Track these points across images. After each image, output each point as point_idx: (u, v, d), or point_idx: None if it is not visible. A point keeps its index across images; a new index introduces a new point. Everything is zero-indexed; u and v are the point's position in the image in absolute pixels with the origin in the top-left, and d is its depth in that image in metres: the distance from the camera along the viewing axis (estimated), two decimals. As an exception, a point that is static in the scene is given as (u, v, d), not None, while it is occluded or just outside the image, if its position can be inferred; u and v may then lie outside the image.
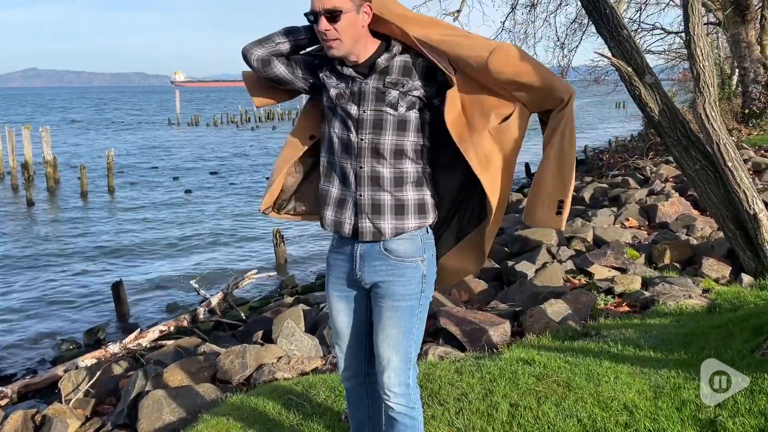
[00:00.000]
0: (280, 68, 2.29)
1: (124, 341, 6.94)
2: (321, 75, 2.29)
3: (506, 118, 2.22)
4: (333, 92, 2.24)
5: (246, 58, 2.29)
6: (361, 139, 2.20)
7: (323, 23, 2.11)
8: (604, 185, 12.02)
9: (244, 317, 8.24)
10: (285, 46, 2.28)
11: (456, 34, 2.25)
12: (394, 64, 2.22)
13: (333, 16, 2.11)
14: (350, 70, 2.23)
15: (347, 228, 2.27)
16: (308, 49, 2.36)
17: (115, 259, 13.56)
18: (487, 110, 2.22)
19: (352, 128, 2.21)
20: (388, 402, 2.28)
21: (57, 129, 47.98)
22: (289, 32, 2.29)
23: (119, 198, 21.17)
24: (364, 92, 2.21)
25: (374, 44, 2.23)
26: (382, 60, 2.21)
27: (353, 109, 2.21)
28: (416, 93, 2.21)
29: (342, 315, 2.40)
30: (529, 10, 15.38)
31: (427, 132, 2.28)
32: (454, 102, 2.19)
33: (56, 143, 31.60)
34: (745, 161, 8.55)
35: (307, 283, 10.64)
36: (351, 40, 2.16)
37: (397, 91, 2.20)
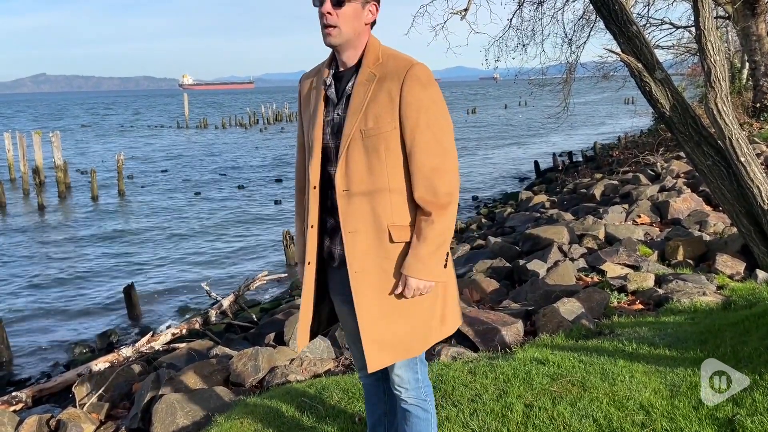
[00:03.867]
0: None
1: (136, 344, 6.98)
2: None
3: None
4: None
5: None
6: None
7: (327, 5, 2.11)
8: (615, 182, 11.95)
9: (255, 319, 8.25)
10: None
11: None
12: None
13: (339, 0, 2.11)
14: (331, 91, 2.24)
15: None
16: None
17: (127, 262, 13.64)
18: None
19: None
20: (400, 396, 2.36)
21: (67, 134, 48.30)
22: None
23: (130, 201, 21.29)
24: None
25: (360, 50, 2.21)
26: (349, 88, 2.20)
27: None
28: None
29: (348, 317, 2.39)
30: (537, 7, 15.31)
31: None
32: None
33: (66, 148, 31.81)
34: (757, 156, 8.47)
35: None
36: (350, 31, 2.14)
37: None
